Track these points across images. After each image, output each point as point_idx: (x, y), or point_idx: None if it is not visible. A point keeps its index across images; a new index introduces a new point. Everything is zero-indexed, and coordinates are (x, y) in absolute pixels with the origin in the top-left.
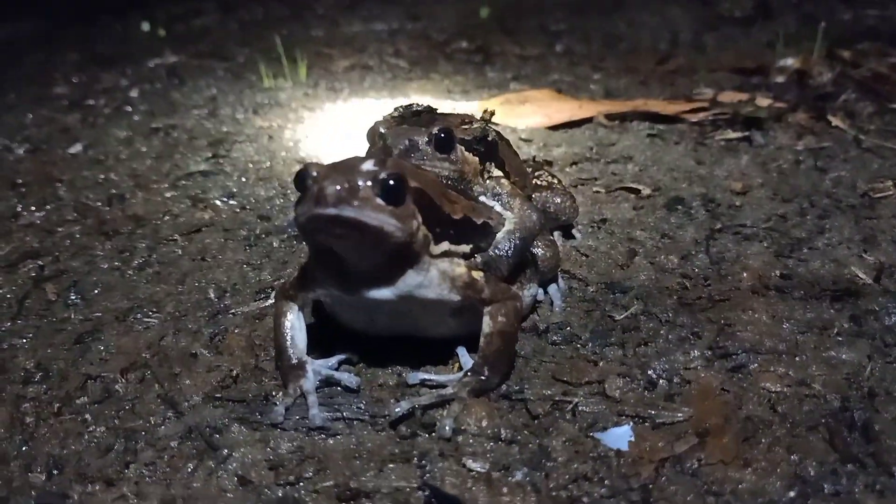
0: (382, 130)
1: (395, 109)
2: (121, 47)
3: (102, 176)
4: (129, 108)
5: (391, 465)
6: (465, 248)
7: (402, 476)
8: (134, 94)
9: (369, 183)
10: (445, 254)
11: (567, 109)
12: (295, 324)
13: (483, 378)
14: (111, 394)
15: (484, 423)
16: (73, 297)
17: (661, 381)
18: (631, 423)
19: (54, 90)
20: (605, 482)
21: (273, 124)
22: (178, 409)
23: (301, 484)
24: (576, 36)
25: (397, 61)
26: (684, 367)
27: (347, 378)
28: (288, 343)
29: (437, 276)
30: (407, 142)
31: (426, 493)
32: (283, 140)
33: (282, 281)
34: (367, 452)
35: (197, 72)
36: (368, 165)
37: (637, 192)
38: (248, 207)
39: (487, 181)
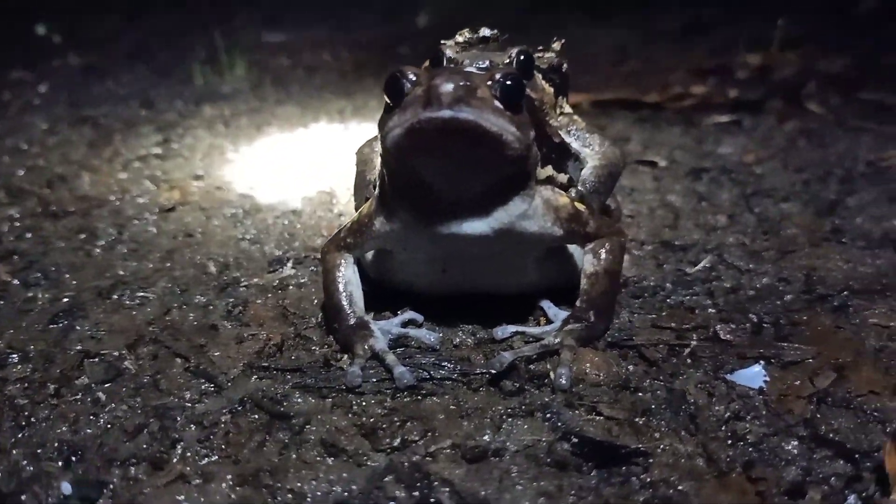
0: (451, 55)
1: (460, 34)
2: (16, 50)
3: (31, 162)
4: (43, 102)
5: (510, 421)
6: (564, 177)
7: (528, 431)
8: (43, 89)
9: (488, 83)
10: (549, 180)
11: None
12: (352, 279)
13: (589, 323)
14: (121, 372)
15: (602, 372)
16: (36, 276)
17: (766, 324)
18: (761, 363)
19: None
20: (761, 420)
21: (225, 112)
22: (215, 383)
23: (410, 448)
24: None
25: (340, 64)
26: (786, 310)
27: (425, 335)
28: (346, 301)
29: (541, 205)
30: (488, 63)
31: (574, 441)
32: (242, 126)
33: (322, 241)
34: (475, 410)
35: (114, 70)
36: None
37: (654, 164)
38: (222, 187)
39: (561, 117)
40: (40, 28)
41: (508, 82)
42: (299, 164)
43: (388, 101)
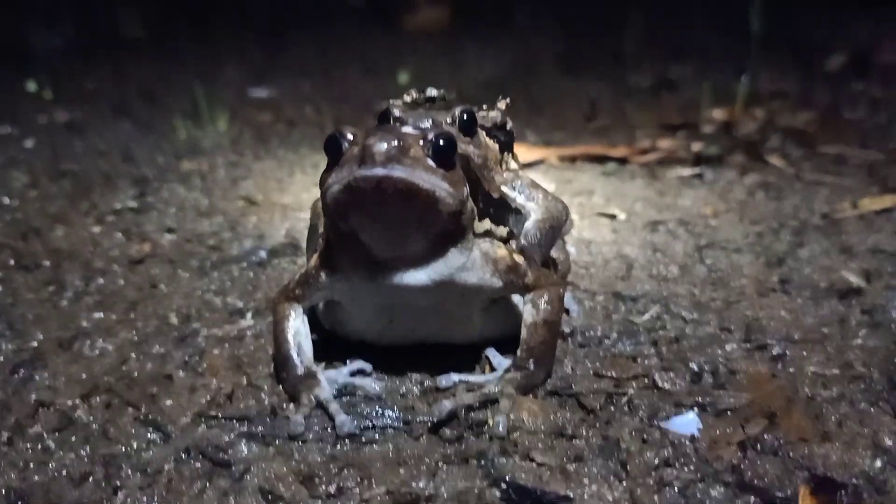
0: (397, 113)
1: (407, 94)
2: (4, 105)
3: (9, 216)
4: (26, 157)
5: (445, 468)
6: (503, 230)
7: (462, 477)
8: (29, 144)
9: (420, 142)
10: (487, 233)
11: (518, 152)
12: (300, 329)
13: (529, 372)
14: (72, 421)
15: (539, 419)
16: (1, 327)
17: (705, 373)
18: (695, 410)
19: None
20: (689, 466)
21: (202, 167)
22: (163, 431)
23: (345, 495)
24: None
25: (321, 119)
26: (725, 359)
27: (370, 384)
28: (294, 351)
29: (479, 258)
30: (430, 122)
31: (504, 488)
32: (219, 180)
33: (273, 294)
34: (413, 458)
35: (98, 125)
36: (414, 127)
37: (612, 216)
38: (192, 240)
39: (506, 172)
40: (31, 84)
41: (440, 142)
42: (270, 217)
43: (328, 160)
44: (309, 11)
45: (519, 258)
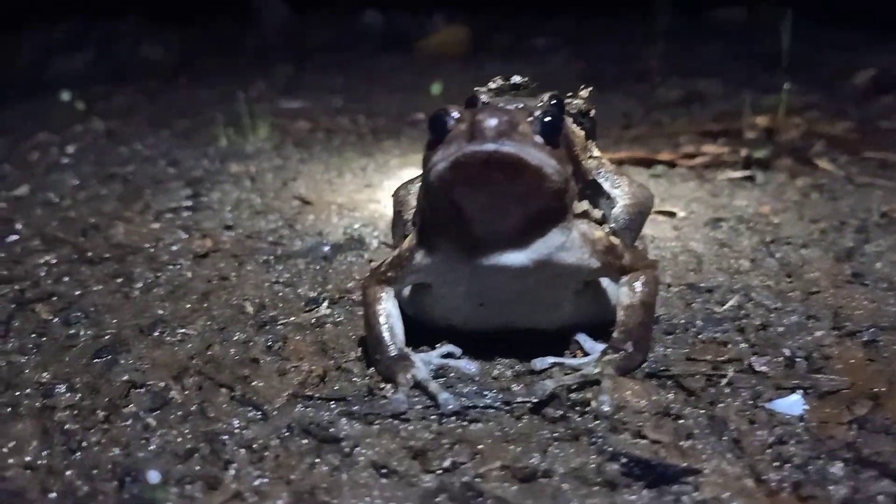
0: (485, 99)
1: (493, 81)
2: (38, 118)
3: (62, 214)
4: (71, 161)
5: (556, 444)
6: (598, 212)
7: (575, 454)
8: (71, 149)
9: (529, 119)
10: (584, 214)
11: None
12: (392, 311)
13: (627, 353)
14: (167, 401)
15: (643, 400)
16: (76, 315)
17: (798, 358)
18: (799, 392)
19: None
20: (804, 444)
21: (251, 169)
22: (261, 411)
23: (460, 469)
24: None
25: (357, 128)
26: (817, 345)
27: (465, 365)
28: (387, 333)
29: (578, 238)
30: (521, 105)
31: (623, 462)
32: (268, 181)
33: (355, 284)
34: (521, 435)
35: (138, 134)
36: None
37: (672, 214)
38: (253, 237)
39: (591, 160)
40: (65, 95)
41: (547, 118)
42: (327, 216)
43: (432, 138)
44: (327, 36)
45: (615, 239)
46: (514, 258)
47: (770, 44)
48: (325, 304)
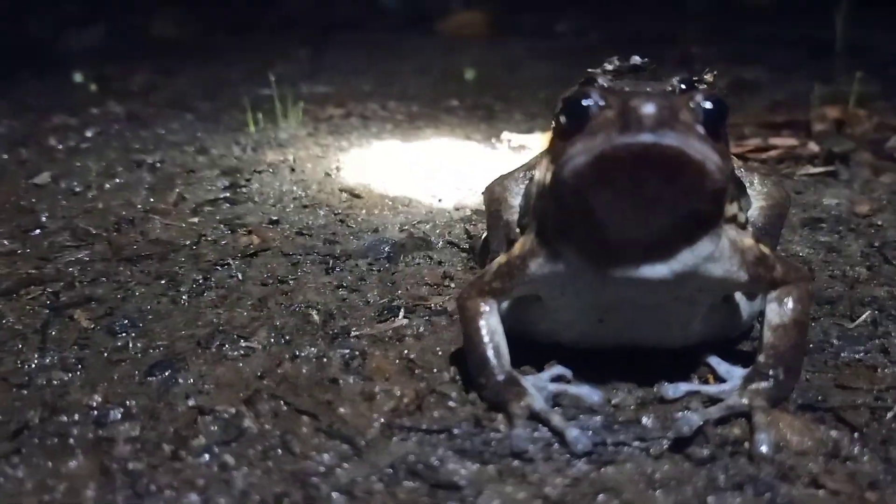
0: (605, 84)
1: (608, 62)
2: (53, 98)
3: (90, 204)
4: (92, 146)
5: (716, 494)
6: (743, 215)
7: None
8: (90, 133)
9: (691, 105)
10: (733, 219)
11: None
12: (497, 329)
13: (778, 381)
14: (242, 431)
15: (805, 438)
16: (122, 323)
17: None
18: None
19: None
20: None
21: (288, 158)
22: (354, 444)
23: None
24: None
25: (392, 115)
26: None
27: (587, 392)
28: (493, 353)
29: (728, 247)
30: (653, 89)
31: None
32: (310, 172)
33: (427, 290)
34: (671, 480)
35: (160, 118)
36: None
37: None
38: (304, 233)
39: None
40: (77, 76)
41: (712, 106)
42: (380, 211)
43: (566, 125)
44: (343, 15)
45: (766, 248)
46: (654, 270)
47: (810, 28)
48: (401, 313)
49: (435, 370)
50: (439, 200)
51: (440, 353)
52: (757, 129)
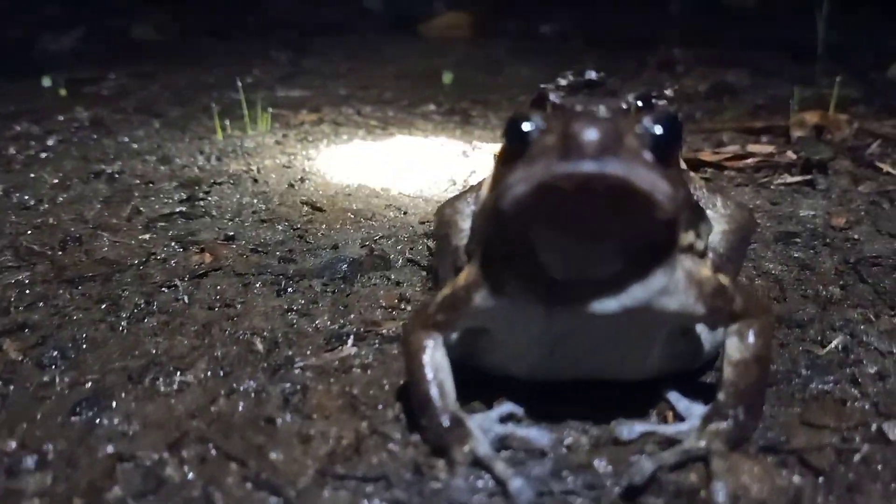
0: (556, 100)
1: (562, 77)
2: (21, 102)
3: (40, 220)
4: (51, 155)
5: None
6: (701, 243)
7: None
8: (51, 142)
9: (637, 131)
10: (689, 248)
11: None
12: (442, 364)
13: (738, 422)
14: (162, 481)
15: (765, 486)
16: (51, 355)
17: None
18: None
19: None
20: None
21: (252, 168)
22: (283, 496)
23: None
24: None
25: (366, 120)
26: None
27: (536, 435)
28: (436, 392)
29: (683, 279)
30: (605, 109)
31: None
32: (272, 183)
33: (382, 313)
34: None
35: (125, 124)
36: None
37: None
38: (259, 251)
39: None
40: (46, 80)
41: (663, 127)
42: (341, 225)
43: (507, 150)
44: (327, 18)
45: (725, 280)
46: (603, 305)
47: (792, 31)
48: (350, 340)
49: (379, 406)
50: (404, 213)
51: (386, 386)
52: (736, 134)
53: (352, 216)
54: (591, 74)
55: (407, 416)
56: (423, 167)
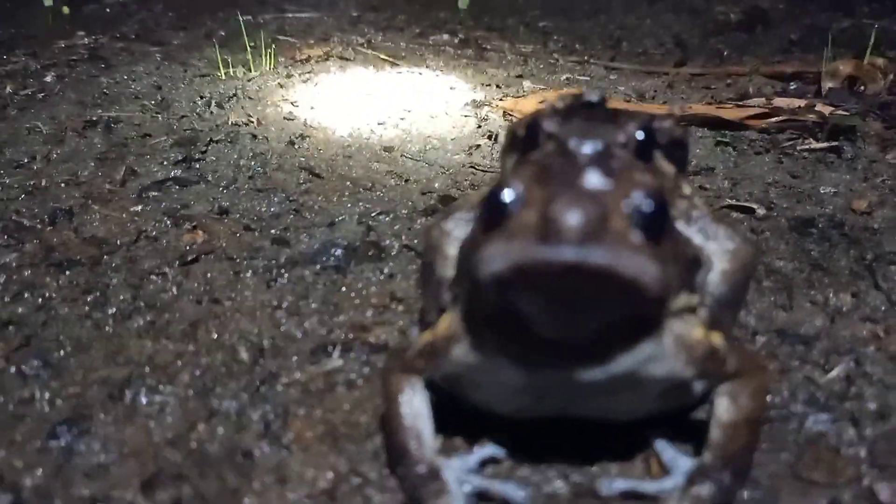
0: (551, 129)
1: (560, 99)
2: (17, 26)
3: (32, 182)
4: (47, 97)
5: None
6: (695, 298)
7: None
8: (48, 79)
9: (622, 206)
10: (681, 309)
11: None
12: (421, 411)
13: (723, 486)
14: None
15: None
16: (34, 364)
17: None
18: None
19: None
20: None
21: (251, 121)
22: None
23: None
24: (569, 35)
25: (375, 53)
26: None
27: (513, 491)
28: (413, 441)
29: (671, 345)
30: (601, 145)
31: None
32: (273, 140)
33: (374, 314)
34: None
35: (125, 56)
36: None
37: (751, 211)
38: (253, 228)
39: (680, 201)
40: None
41: (649, 208)
42: (338, 197)
43: (485, 216)
44: None
45: (718, 340)
46: (589, 373)
47: None
48: (337, 351)
49: (358, 440)
50: (405, 181)
51: (369, 411)
52: (763, 81)
53: (350, 185)
54: (592, 97)
55: (386, 454)
56: (428, 123)
